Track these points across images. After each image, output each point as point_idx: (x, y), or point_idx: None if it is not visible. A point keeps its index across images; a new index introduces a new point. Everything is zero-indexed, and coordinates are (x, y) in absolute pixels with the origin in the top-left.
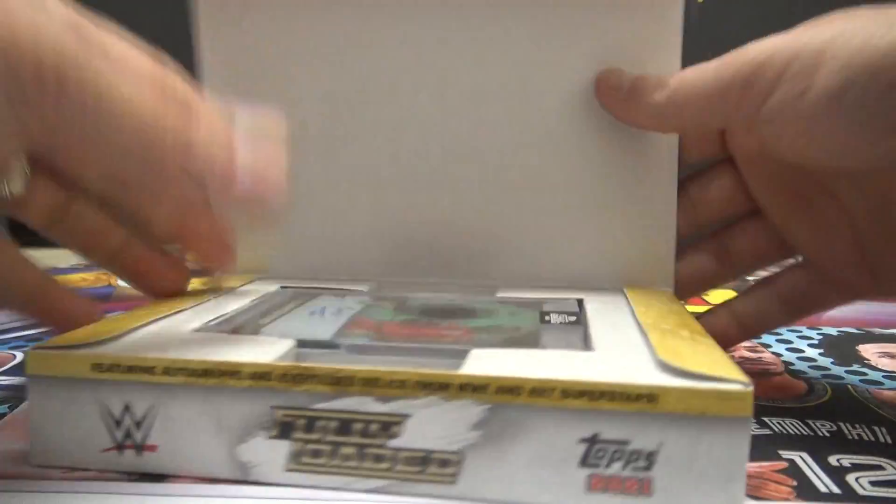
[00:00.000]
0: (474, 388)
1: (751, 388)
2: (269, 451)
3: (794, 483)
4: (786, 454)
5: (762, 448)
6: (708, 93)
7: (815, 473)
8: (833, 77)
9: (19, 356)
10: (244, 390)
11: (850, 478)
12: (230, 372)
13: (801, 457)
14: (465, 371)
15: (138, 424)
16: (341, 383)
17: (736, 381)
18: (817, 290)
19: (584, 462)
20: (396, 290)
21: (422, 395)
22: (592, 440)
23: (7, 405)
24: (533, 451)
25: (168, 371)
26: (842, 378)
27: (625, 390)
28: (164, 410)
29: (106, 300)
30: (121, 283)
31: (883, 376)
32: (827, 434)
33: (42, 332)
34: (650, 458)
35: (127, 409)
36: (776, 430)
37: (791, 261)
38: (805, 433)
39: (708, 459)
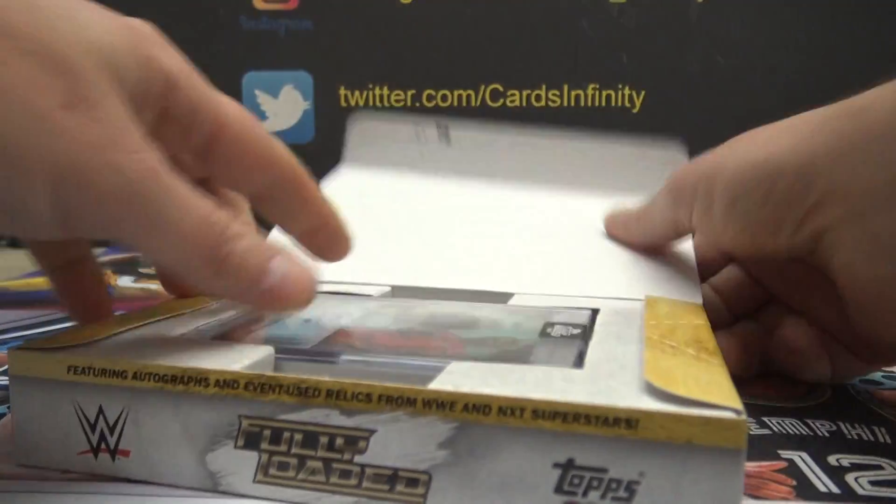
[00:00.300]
0: (440, 404)
1: (744, 417)
2: (237, 462)
3: (794, 483)
4: (785, 454)
5: (762, 448)
6: (657, 210)
7: (814, 473)
8: (724, 193)
9: None
10: (212, 398)
11: (850, 478)
12: (198, 378)
13: (800, 456)
14: (433, 386)
15: (112, 429)
16: (306, 394)
17: (728, 407)
18: (846, 360)
19: (559, 489)
20: (409, 296)
21: (387, 410)
22: (567, 466)
23: (7, 405)
24: (504, 474)
25: (138, 376)
26: None
27: (601, 413)
28: (136, 416)
29: None
30: (120, 283)
31: (883, 376)
32: (826, 434)
33: (39, 333)
34: (630, 488)
35: (101, 412)
36: (776, 430)
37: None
38: (805, 433)
39: (696, 493)
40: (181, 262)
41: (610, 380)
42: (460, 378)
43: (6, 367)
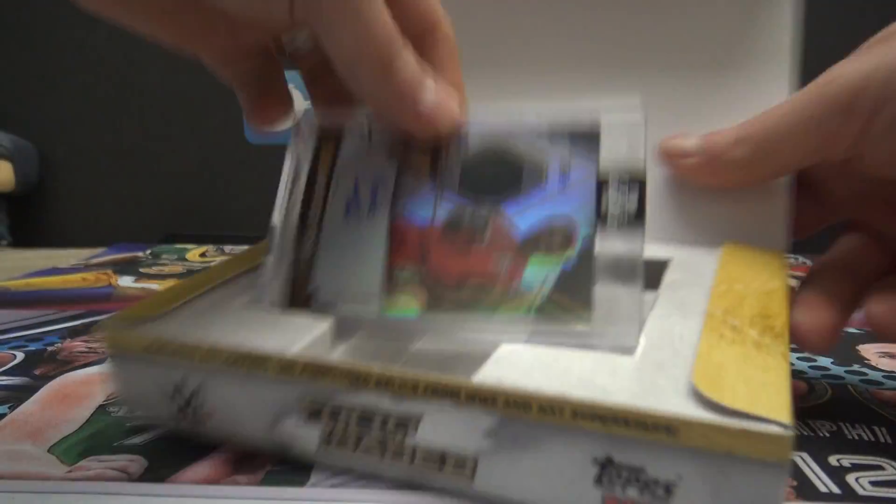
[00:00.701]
0: (483, 399)
1: (791, 433)
2: (302, 434)
3: (794, 483)
4: None
5: None
6: (801, 132)
7: (815, 473)
8: None
9: (19, 356)
10: (273, 379)
11: (850, 478)
12: (259, 362)
13: (801, 457)
14: (477, 379)
15: (192, 397)
16: (358, 381)
17: (774, 421)
18: None
19: (599, 482)
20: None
21: (433, 400)
22: (606, 463)
23: (7, 405)
24: (546, 465)
25: (206, 357)
26: (842, 378)
27: (641, 419)
28: (211, 388)
29: (106, 300)
30: (120, 282)
31: (883, 376)
32: (827, 434)
33: (39, 333)
34: (669, 489)
35: (182, 382)
36: None
37: None
38: (805, 433)
39: (735, 500)
40: (359, 57)
41: (658, 374)
42: (506, 368)
43: (6, 367)
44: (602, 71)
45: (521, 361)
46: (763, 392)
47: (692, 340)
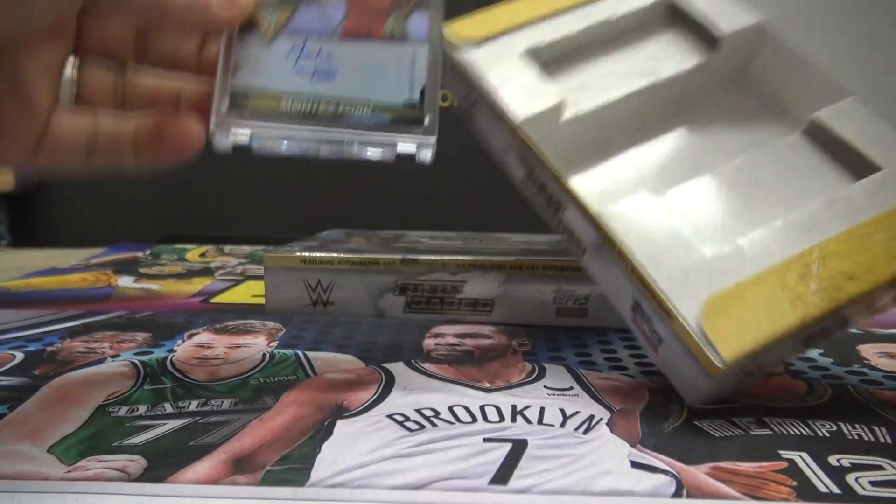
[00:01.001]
0: (594, 223)
1: (722, 367)
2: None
3: (794, 483)
4: (786, 454)
5: (762, 448)
6: None
7: (815, 473)
8: None
9: (19, 356)
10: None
11: (850, 478)
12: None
13: (801, 457)
14: (599, 209)
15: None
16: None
17: (718, 354)
18: None
19: (631, 309)
20: None
21: (575, 203)
22: (636, 304)
23: (7, 405)
24: (610, 280)
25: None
26: (842, 378)
27: (657, 297)
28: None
29: (105, 300)
30: (120, 283)
31: (883, 376)
32: (827, 434)
33: (39, 333)
34: (660, 339)
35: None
36: (776, 430)
37: None
38: (805, 433)
39: (687, 368)
40: None
41: (706, 277)
42: (625, 214)
43: (6, 367)
44: None
45: (638, 214)
46: (742, 332)
47: (766, 264)
